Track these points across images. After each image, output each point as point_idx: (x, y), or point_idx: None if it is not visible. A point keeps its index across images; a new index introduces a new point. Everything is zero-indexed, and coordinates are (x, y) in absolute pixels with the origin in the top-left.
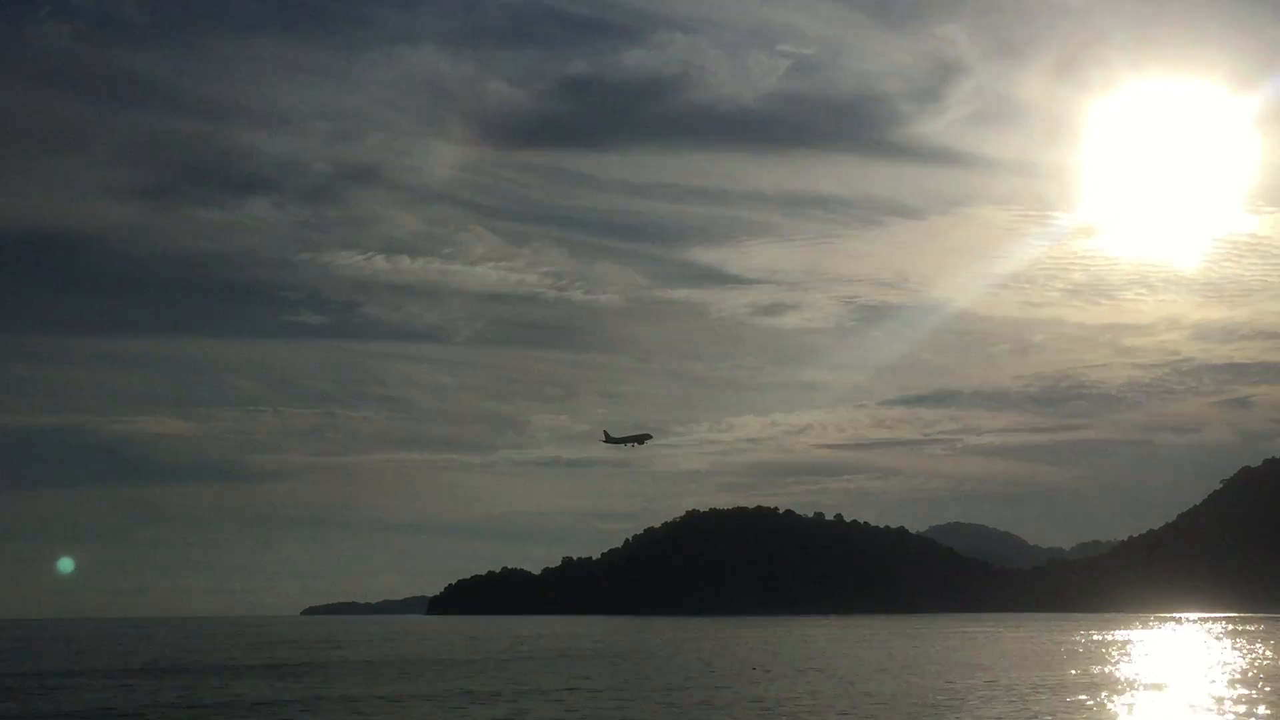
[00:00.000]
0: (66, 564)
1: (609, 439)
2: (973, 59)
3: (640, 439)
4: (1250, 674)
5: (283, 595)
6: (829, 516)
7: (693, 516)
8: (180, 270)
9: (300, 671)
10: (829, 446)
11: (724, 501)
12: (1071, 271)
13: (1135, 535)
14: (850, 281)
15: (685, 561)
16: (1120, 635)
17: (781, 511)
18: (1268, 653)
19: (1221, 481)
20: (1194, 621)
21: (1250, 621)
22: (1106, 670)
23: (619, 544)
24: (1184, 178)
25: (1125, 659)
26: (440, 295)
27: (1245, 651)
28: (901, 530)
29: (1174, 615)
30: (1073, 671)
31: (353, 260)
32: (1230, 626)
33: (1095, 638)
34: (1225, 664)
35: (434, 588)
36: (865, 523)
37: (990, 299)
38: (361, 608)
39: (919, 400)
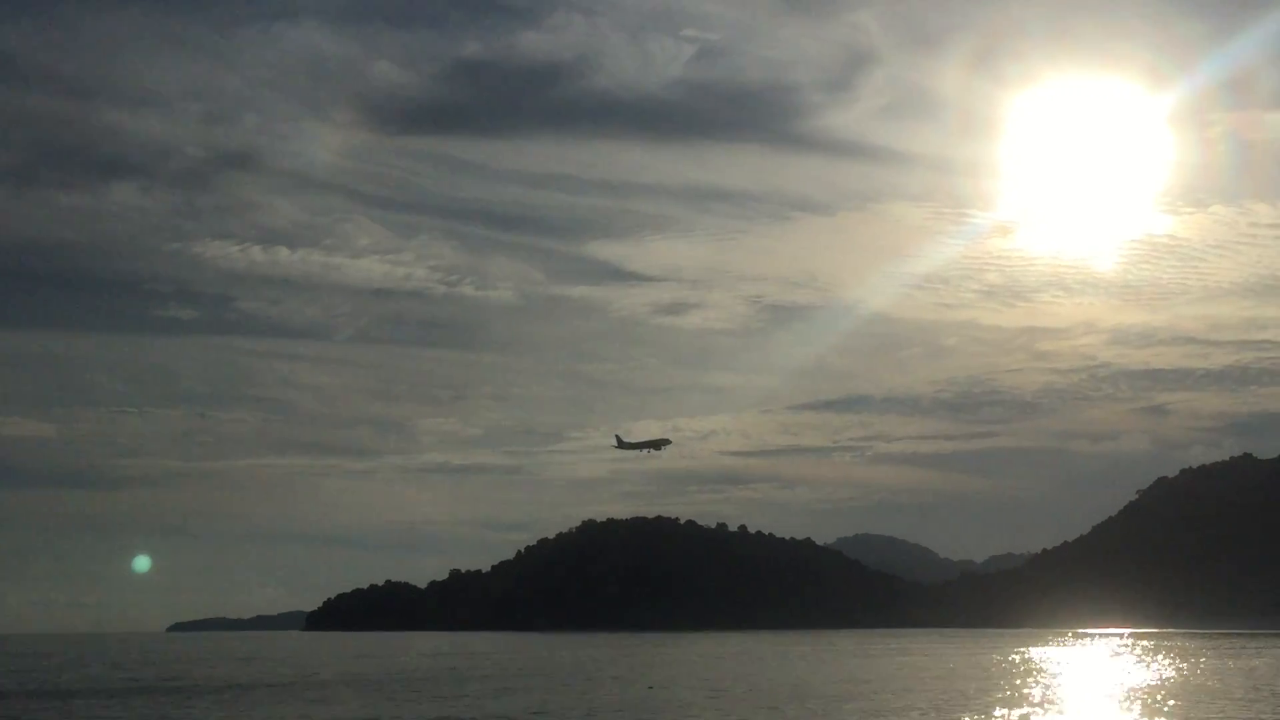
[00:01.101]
0: (143, 562)
1: (622, 444)
2: (886, 48)
3: (658, 444)
4: (1157, 692)
5: (147, 610)
6: (733, 527)
7: (589, 527)
8: (39, 260)
9: (162, 694)
10: (733, 453)
11: (622, 511)
12: (987, 272)
13: (1049, 547)
14: (756, 280)
15: (581, 575)
16: (1029, 651)
17: (683, 522)
18: (1179, 670)
19: (1137, 492)
20: (1108, 637)
21: (1166, 637)
22: (1004, 688)
23: (511, 556)
24: (1102, 177)
25: (1029, 676)
26: (321, 290)
27: (1155, 668)
28: (808, 542)
29: (1088, 630)
30: (969, 689)
31: (227, 251)
32: (1145, 642)
33: (1001, 654)
34: (1132, 681)
35: (312, 602)
36: (771, 534)
37: (903, 300)
38: (233, 624)
39: (828, 405)
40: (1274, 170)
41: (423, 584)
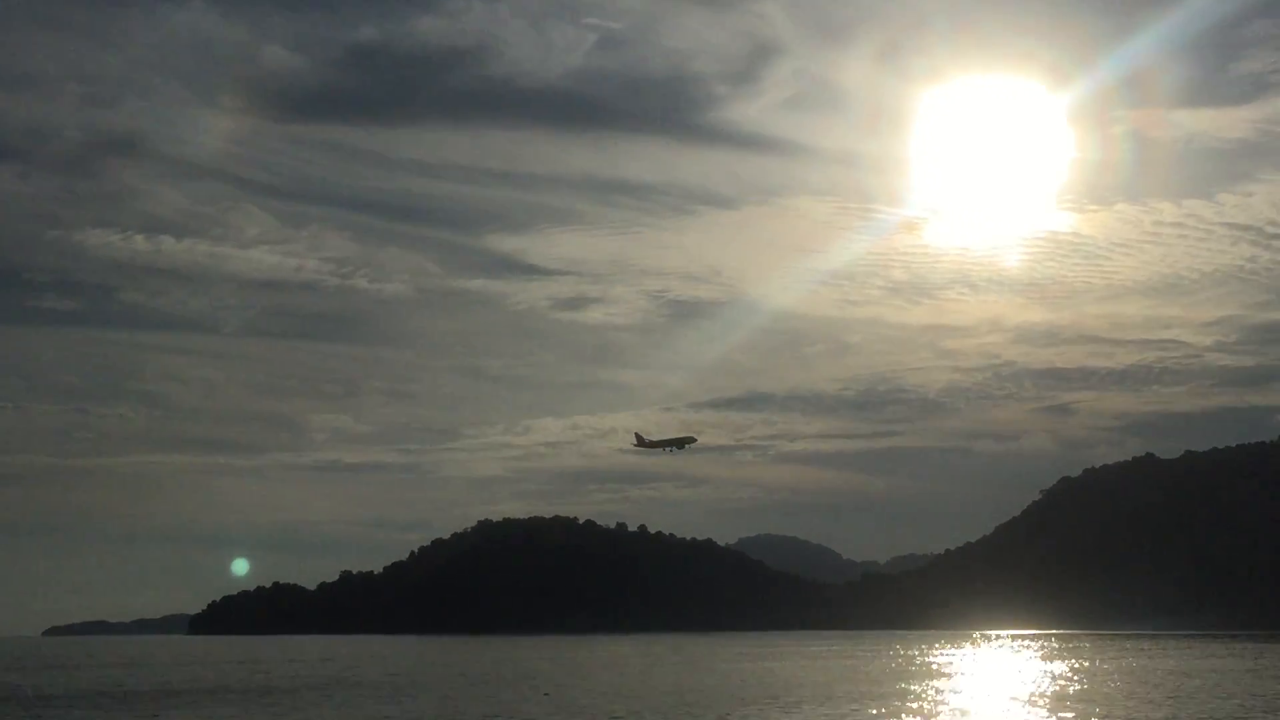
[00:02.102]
0: (241, 565)
1: (642, 443)
2: (792, 40)
3: (681, 442)
4: (1055, 693)
5: (23, 614)
6: (632, 527)
7: (485, 527)
8: None
9: (35, 702)
10: (634, 452)
11: (520, 510)
12: (892, 269)
13: (953, 548)
14: (659, 274)
15: (477, 576)
16: (930, 653)
17: (582, 522)
18: (1079, 671)
19: (1041, 492)
20: (1011, 638)
21: (1069, 638)
22: (901, 690)
23: (404, 556)
24: (1009, 173)
25: (928, 678)
26: (208, 281)
27: (1055, 669)
28: (709, 543)
29: (992, 631)
30: (865, 691)
31: (109, 240)
32: (1046, 643)
33: (902, 656)
34: (1031, 682)
35: (196, 605)
36: (671, 534)
37: (807, 296)
38: (114, 627)
39: (730, 403)
40: (1177, 169)
41: (312, 586)
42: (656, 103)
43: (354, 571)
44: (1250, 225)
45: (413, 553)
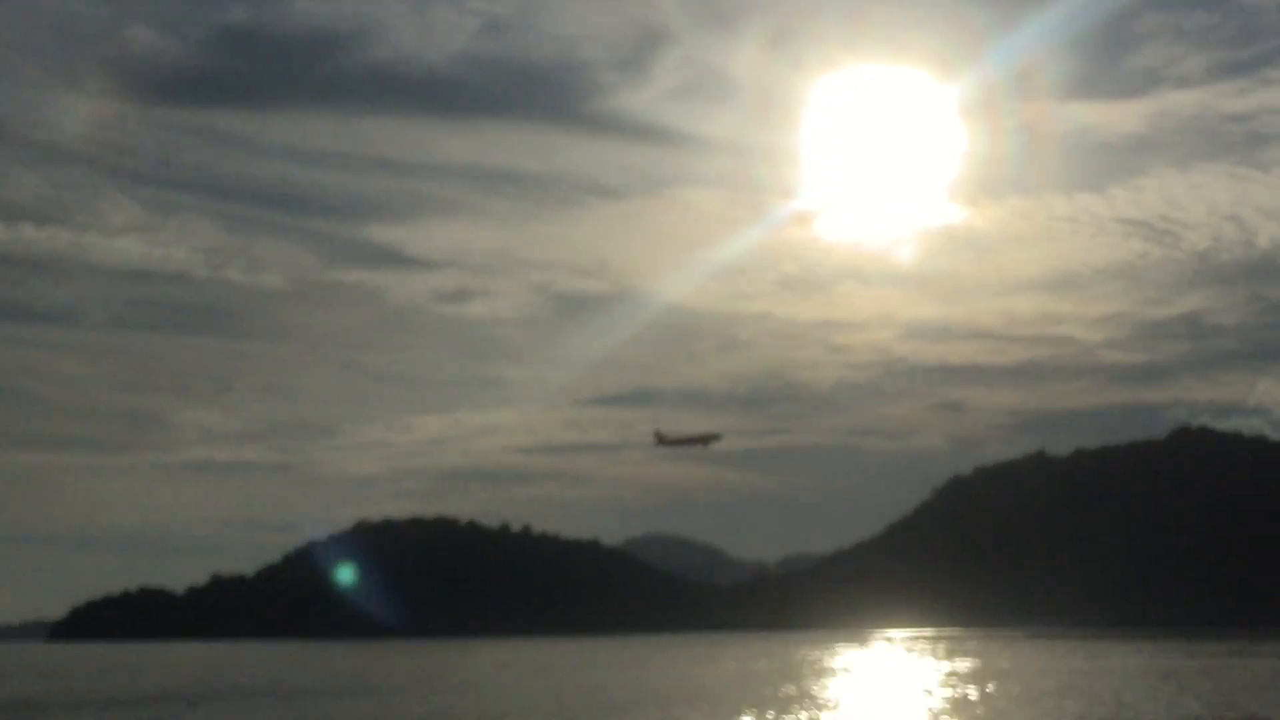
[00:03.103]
0: (346, 574)
1: (662, 440)
2: (681, 27)
3: (705, 439)
4: (943, 692)
5: None
6: (516, 528)
7: (363, 528)
8: None
9: None
10: (518, 450)
11: (399, 511)
12: (784, 262)
13: (843, 548)
14: (544, 267)
15: (355, 579)
16: (818, 653)
17: (464, 522)
18: (968, 670)
19: (932, 490)
20: (901, 638)
21: (959, 637)
22: (785, 691)
23: (277, 559)
24: (902, 166)
25: (813, 679)
26: (70, 271)
27: (945, 669)
28: (595, 543)
29: (882, 631)
30: (747, 694)
31: None
32: (937, 643)
33: (789, 657)
34: (920, 682)
35: (57, 611)
36: (556, 535)
37: (696, 290)
38: None
39: (617, 400)
40: (1070, 162)
41: (180, 590)
42: (542, 90)
43: (224, 574)
44: (1142, 220)
45: (287, 555)
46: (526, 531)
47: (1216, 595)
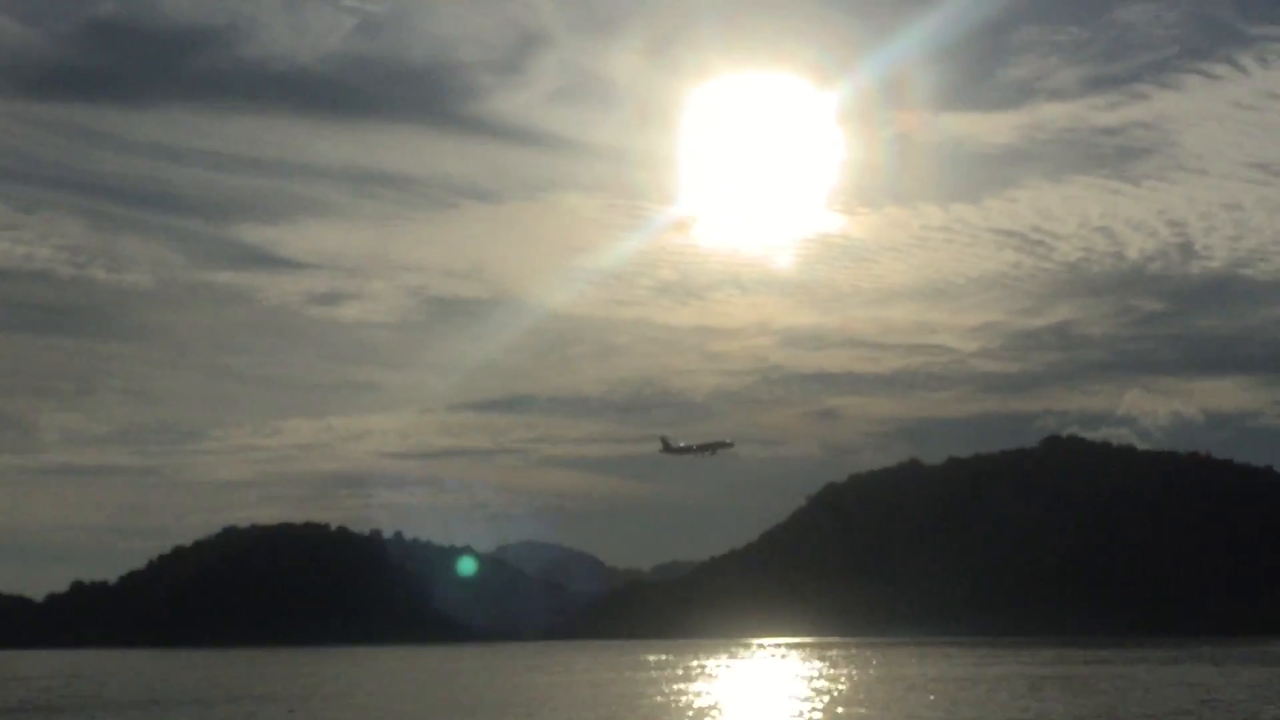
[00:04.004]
0: (468, 564)
1: (668, 448)
2: (559, 30)
3: (713, 447)
4: (811, 702)
5: None
6: (388, 534)
7: (230, 534)
8: None
9: None
10: (390, 455)
11: (268, 516)
12: (661, 269)
13: (717, 555)
14: (419, 270)
15: (221, 586)
16: (691, 662)
17: (334, 528)
18: (840, 679)
19: (806, 498)
20: (775, 646)
21: (833, 646)
22: (648, 701)
23: (142, 565)
24: (779, 173)
25: (682, 687)
26: None
27: (815, 678)
28: (467, 550)
29: (756, 640)
30: (612, 705)
31: None
32: (811, 652)
33: (660, 666)
34: (789, 691)
35: None
36: (429, 541)
37: (573, 295)
38: None
39: (492, 406)
40: (945, 173)
41: (40, 597)
42: (418, 91)
43: (86, 581)
44: (1015, 231)
45: (151, 561)
46: (398, 537)
47: (1086, 604)
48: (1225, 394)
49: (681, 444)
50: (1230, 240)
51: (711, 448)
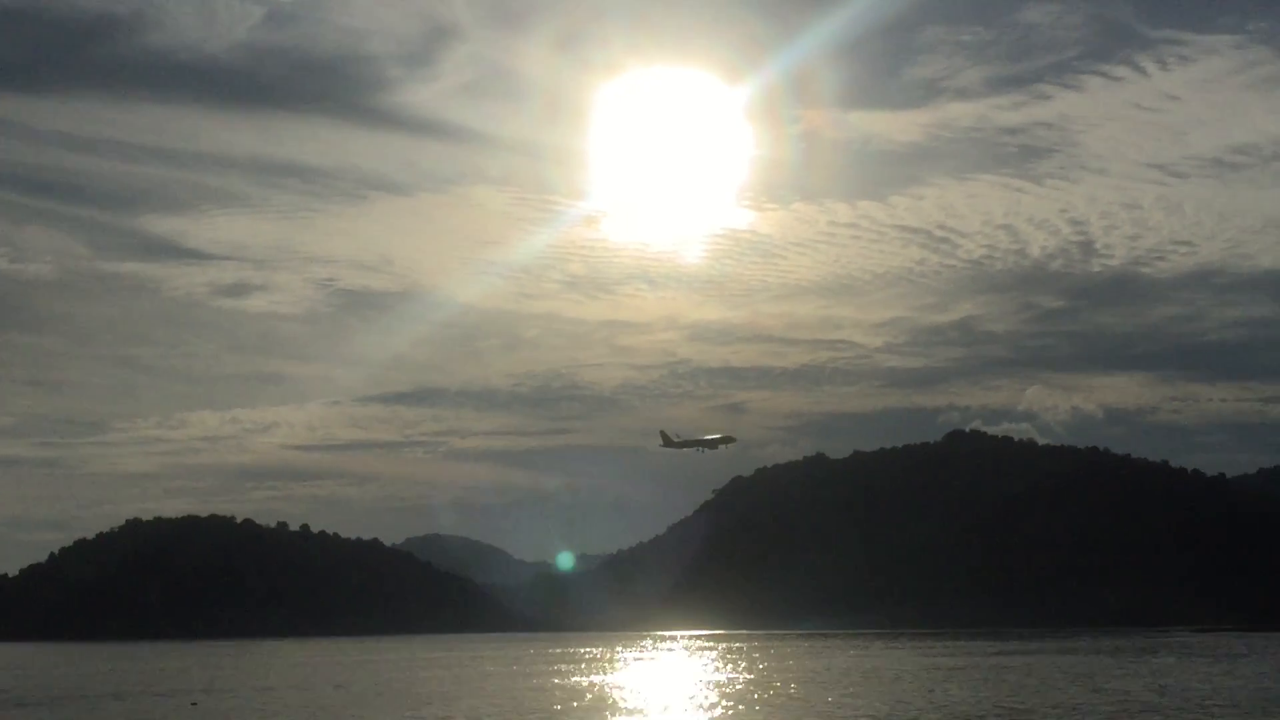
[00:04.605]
0: (566, 559)
1: (669, 442)
2: (469, 24)
3: (714, 442)
4: (713, 694)
5: None
6: (294, 527)
7: (134, 526)
8: None
9: None
10: (297, 448)
11: (173, 509)
12: (570, 262)
13: (625, 549)
14: (327, 262)
15: (124, 579)
16: (593, 654)
17: (240, 521)
18: (744, 671)
19: (713, 491)
20: (681, 639)
21: (739, 638)
22: (548, 695)
23: (43, 558)
24: (689, 169)
25: (580, 681)
26: None
27: (719, 669)
28: (375, 543)
29: (663, 632)
30: (499, 697)
31: None
32: (717, 644)
33: (566, 660)
34: (692, 683)
35: None
36: (336, 534)
37: (482, 288)
38: None
39: (400, 398)
40: (851, 170)
41: None
42: (327, 83)
43: None
44: (920, 228)
45: (52, 554)
46: (305, 530)
47: (990, 596)
48: (1123, 390)
49: (681, 438)
50: (1129, 239)
51: (713, 443)
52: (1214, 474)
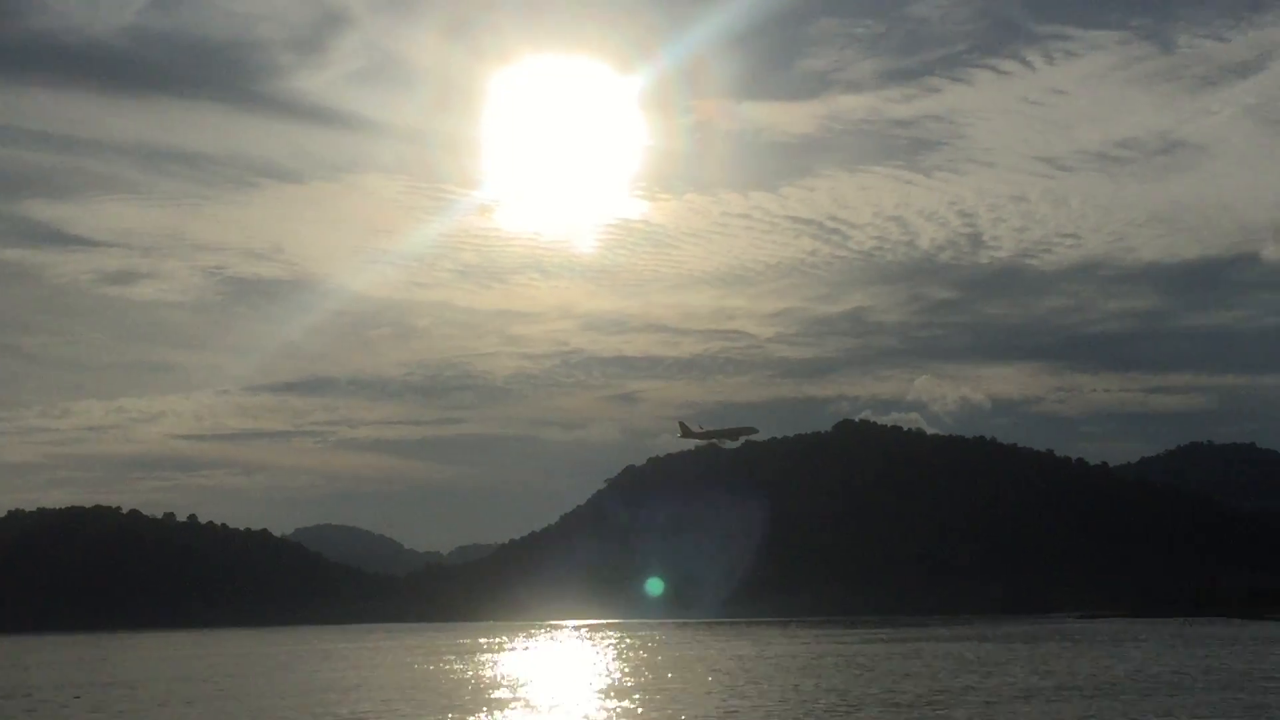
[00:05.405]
0: (656, 585)
1: (689, 433)
2: (360, 10)
3: (735, 433)
4: (598, 683)
5: None
6: (182, 517)
7: (16, 517)
8: None
9: None
10: (185, 437)
11: (56, 500)
12: (463, 251)
13: (516, 538)
14: (217, 250)
15: (7, 570)
16: (482, 644)
17: (126, 512)
18: (633, 660)
19: (606, 481)
20: (573, 628)
21: (631, 628)
22: (428, 683)
23: None
24: (582, 158)
25: (467, 671)
26: None
27: (608, 659)
28: (265, 533)
29: (555, 622)
30: (388, 688)
31: None
32: (608, 634)
33: (453, 649)
34: (577, 673)
35: None
36: (224, 525)
37: (373, 277)
38: None
39: (289, 387)
40: (744, 160)
41: None
42: (217, 68)
43: None
44: (811, 219)
45: None
46: (193, 521)
47: (878, 584)
48: (1010, 380)
49: (703, 429)
50: (1017, 231)
51: (734, 433)
52: (1097, 463)
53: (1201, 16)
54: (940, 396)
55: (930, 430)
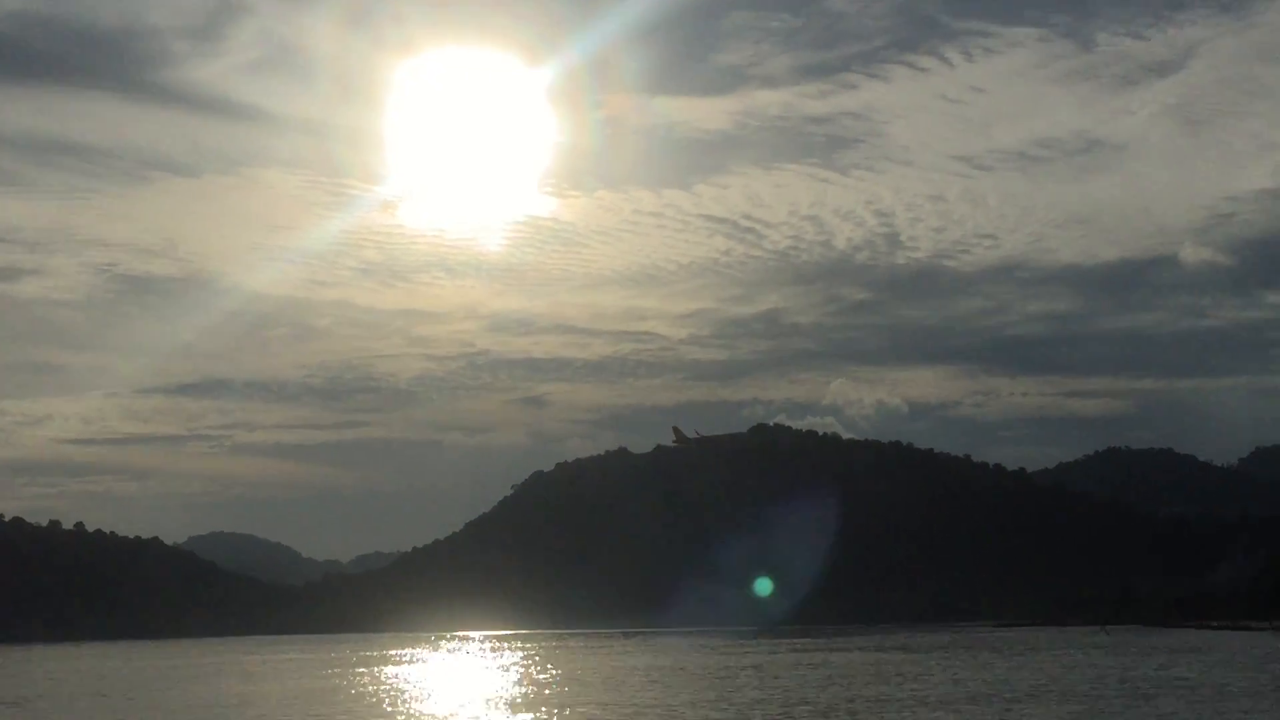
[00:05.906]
0: (765, 585)
1: (682, 439)
2: None
3: (729, 441)
4: (500, 697)
5: None
6: (67, 525)
7: None
8: None
9: None
10: (72, 442)
11: None
12: (365, 249)
13: (420, 546)
14: (107, 246)
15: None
16: (381, 655)
17: (8, 519)
18: (537, 672)
19: (513, 487)
20: (477, 639)
21: (537, 638)
22: (324, 698)
23: None
24: (489, 154)
25: (365, 683)
26: None
27: (509, 671)
28: (155, 541)
29: (457, 633)
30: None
31: None
32: (512, 644)
33: (357, 661)
34: (477, 685)
35: None
36: (112, 532)
37: (271, 275)
38: None
39: (182, 390)
40: (656, 157)
41: None
42: (106, 56)
43: None
44: (725, 218)
45: None
46: (80, 529)
47: (791, 592)
48: (927, 383)
49: (697, 434)
50: (934, 231)
51: (728, 441)
52: (1015, 468)
53: (1121, 15)
54: (856, 400)
55: (846, 435)
